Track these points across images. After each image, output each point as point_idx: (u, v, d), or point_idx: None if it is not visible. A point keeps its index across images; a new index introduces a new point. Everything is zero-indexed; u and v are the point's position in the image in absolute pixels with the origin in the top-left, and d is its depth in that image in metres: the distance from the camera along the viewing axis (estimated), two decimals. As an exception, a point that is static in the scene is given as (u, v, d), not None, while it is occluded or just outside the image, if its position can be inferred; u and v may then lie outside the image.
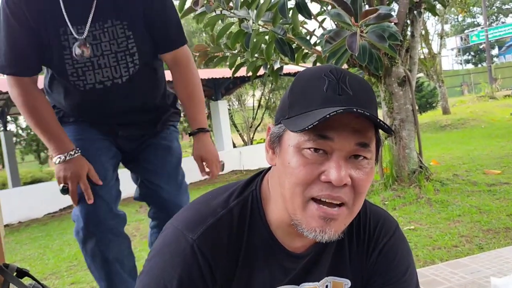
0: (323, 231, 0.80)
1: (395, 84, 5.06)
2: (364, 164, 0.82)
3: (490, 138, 9.56)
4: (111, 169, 1.74)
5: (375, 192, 5.00)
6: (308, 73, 0.86)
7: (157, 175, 1.81)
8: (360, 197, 0.83)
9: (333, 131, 0.78)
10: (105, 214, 1.67)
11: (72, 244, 5.20)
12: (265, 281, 0.91)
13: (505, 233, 3.24)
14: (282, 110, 0.87)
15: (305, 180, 0.80)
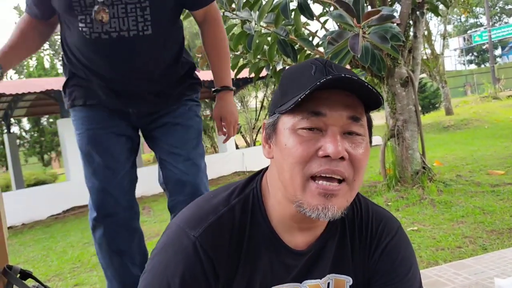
0: (325, 207, 0.81)
1: (397, 85, 5.06)
2: (358, 140, 0.84)
3: (493, 138, 9.53)
4: (122, 158, 1.73)
5: (378, 193, 4.99)
6: (296, 65, 0.91)
7: (174, 157, 1.76)
8: (359, 172, 0.84)
9: (325, 107, 0.81)
10: (113, 208, 1.70)
11: (75, 246, 5.21)
12: (267, 278, 0.92)
13: (509, 234, 3.23)
14: (275, 102, 0.90)
15: (303, 157, 0.81)
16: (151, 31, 1.58)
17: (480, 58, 39.32)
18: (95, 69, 1.66)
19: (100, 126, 1.71)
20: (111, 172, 1.70)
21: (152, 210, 7.00)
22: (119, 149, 1.73)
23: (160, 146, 1.78)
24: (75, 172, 8.65)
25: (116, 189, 1.71)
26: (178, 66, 1.77)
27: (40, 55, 15.74)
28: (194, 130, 1.80)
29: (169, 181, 1.79)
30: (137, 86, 1.69)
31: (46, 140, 14.18)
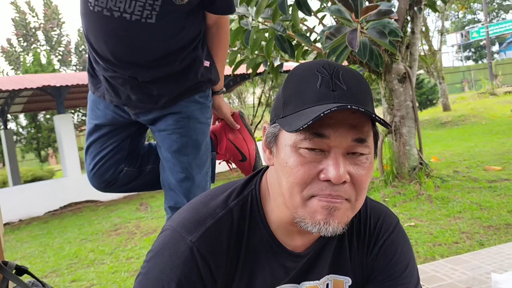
0: (327, 222, 0.79)
1: (395, 81, 5.05)
2: (362, 160, 0.81)
3: (490, 134, 9.55)
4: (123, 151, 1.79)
5: (375, 189, 5.00)
6: (301, 69, 0.85)
7: (170, 166, 1.73)
8: (362, 193, 0.82)
9: (329, 129, 0.77)
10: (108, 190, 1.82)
11: (73, 242, 5.21)
12: (265, 281, 0.91)
13: (505, 229, 3.24)
14: (277, 109, 0.86)
15: (304, 179, 0.79)
16: (155, 20, 1.54)
17: (477, 55, 39.34)
18: (96, 48, 1.62)
19: (98, 123, 1.75)
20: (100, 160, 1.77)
21: (150, 206, 7.00)
22: (116, 146, 1.78)
23: (161, 150, 1.77)
24: (72, 168, 8.64)
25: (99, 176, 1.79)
26: (179, 60, 1.69)
27: (36, 51, 15.67)
28: (192, 139, 1.73)
29: (164, 185, 1.79)
30: (131, 74, 1.64)
31: (43, 136, 14.13)
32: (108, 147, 1.78)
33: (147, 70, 1.64)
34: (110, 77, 1.66)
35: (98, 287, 3.29)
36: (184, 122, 1.72)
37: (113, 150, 1.79)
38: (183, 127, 1.72)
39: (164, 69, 1.66)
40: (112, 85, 1.67)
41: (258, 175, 0.96)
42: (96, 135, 1.77)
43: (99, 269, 3.83)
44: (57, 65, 17.56)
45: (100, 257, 4.26)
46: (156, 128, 1.74)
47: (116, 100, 1.70)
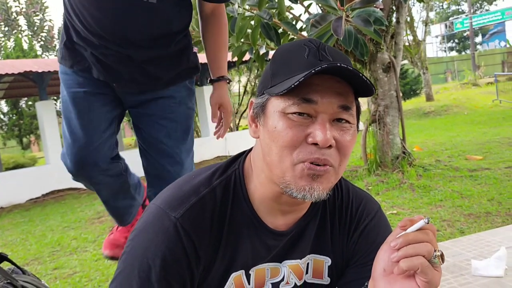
0: (311, 188, 0.82)
1: (380, 70, 5.08)
2: (347, 127, 0.84)
3: (472, 124, 9.69)
4: (104, 124, 1.69)
5: (359, 177, 5.05)
6: (288, 44, 0.89)
7: (158, 151, 1.72)
8: (345, 158, 0.85)
9: (317, 94, 0.80)
10: (90, 172, 1.69)
11: (55, 230, 5.17)
12: (248, 259, 0.92)
13: (485, 217, 3.30)
14: (265, 81, 0.88)
15: (293, 142, 0.81)
16: (156, 1, 1.53)
17: (461, 45, 39.70)
18: (88, 24, 1.58)
19: (84, 90, 1.66)
20: (88, 140, 1.66)
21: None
22: (101, 117, 1.68)
23: (145, 138, 1.74)
24: (54, 155, 8.53)
25: (91, 156, 1.67)
26: (173, 43, 1.69)
27: (18, 36, 15.36)
28: (183, 125, 1.75)
29: (149, 173, 1.77)
30: (126, 53, 1.61)
31: (25, 123, 13.93)
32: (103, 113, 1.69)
33: (143, 49, 1.62)
34: (102, 54, 1.61)
35: (81, 274, 3.27)
36: (176, 107, 1.73)
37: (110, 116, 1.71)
38: (174, 112, 1.73)
39: (160, 50, 1.65)
40: (102, 62, 1.63)
41: (242, 156, 0.97)
42: (86, 99, 1.66)
43: (82, 256, 3.81)
44: (40, 50, 17.27)
45: (83, 245, 4.23)
46: (144, 111, 1.72)
47: (105, 76, 1.65)
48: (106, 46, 1.59)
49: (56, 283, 3.15)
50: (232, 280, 0.91)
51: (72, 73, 1.68)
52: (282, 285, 0.96)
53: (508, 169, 4.77)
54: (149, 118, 1.72)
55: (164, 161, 1.72)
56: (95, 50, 1.61)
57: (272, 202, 0.90)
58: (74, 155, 1.67)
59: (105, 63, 1.63)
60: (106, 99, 1.69)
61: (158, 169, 1.72)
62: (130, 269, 0.85)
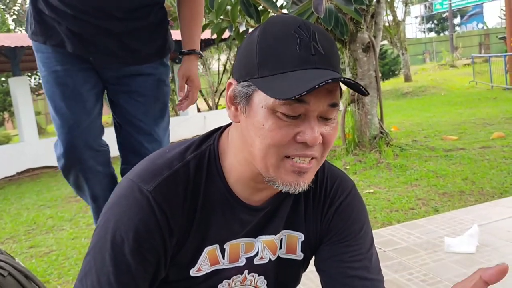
0: (297, 183, 0.83)
1: (359, 50, 5.09)
2: (332, 121, 0.84)
3: (449, 105, 9.84)
4: (90, 102, 1.65)
5: (337, 157, 5.09)
6: (277, 27, 0.82)
7: (135, 128, 1.71)
8: (328, 149, 0.86)
9: (310, 95, 0.77)
10: (81, 155, 1.65)
11: (30, 208, 5.10)
12: (222, 233, 0.92)
13: (459, 196, 3.38)
14: (249, 68, 0.82)
15: (281, 142, 0.80)
16: None
17: (439, 27, 39.96)
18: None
19: (65, 68, 1.61)
20: (77, 119, 1.62)
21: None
22: (86, 94, 1.64)
23: (122, 114, 1.72)
24: (29, 133, 8.36)
25: (82, 137, 1.64)
26: (150, 15, 1.65)
27: (-11, 9, 14.85)
28: (160, 102, 1.74)
29: (125, 149, 1.75)
30: (103, 24, 1.57)
31: (-2, 99, 13.57)
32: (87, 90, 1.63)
33: (120, 21, 1.58)
34: (77, 26, 1.56)
35: (58, 253, 3.25)
36: (154, 85, 1.72)
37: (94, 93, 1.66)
38: (152, 89, 1.72)
39: (137, 22, 1.63)
40: (77, 35, 1.58)
41: (217, 132, 0.96)
42: (67, 77, 1.61)
43: (58, 235, 3.78)
44: (12, 25, 16.75)
45: (59, 224, 4.19)
46: (122, 88, 1.70)
47: (81, 49, 1.60)
48: (82, 18, 1.55)
49: (32, 262, 3.12)
50: (206, 254, 0.92)
51: (47, 50, 1.62)
52: (257, 260, 0.97)
53: (482, 149, 4.88)
54: (127, 95, 1.70)
55: (142, 138, 1.71)
56: (69, 22, 1.56)
57: (249, 181, 0.90)
58: (65, 136, 1.63)
59: (81, 36, 1.58)
60: (87, 75, 1.65)
61: (135, 145, 1.71)
62: (103, 242, 0.84)
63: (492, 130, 5.90)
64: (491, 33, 27.08)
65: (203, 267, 0.93)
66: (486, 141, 5.31)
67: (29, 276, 1.22)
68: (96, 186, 1.75)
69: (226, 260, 0.94)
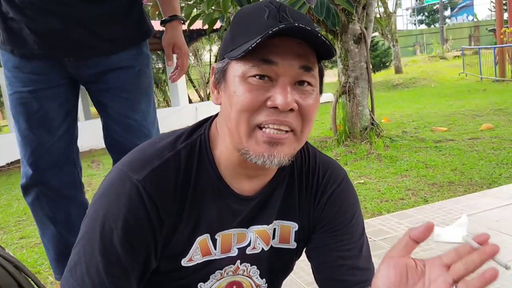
0: (271, 155, 0.80)
1: (351, 41, 5.09)
2: (309, 90, 0.82)
3: (439, 97, 9.90)
4: (58, 120, 1.58)
5: (328, 148, 5.11)
6: (249, 6, 0.86)
7: (123, 126, 1.63)
8: (308, 124, 0.84)
9: (277, 56, 0.78)
10: (42, 177, 1.59)
11: (21, 199, 5.06)
12: (213, 223, 0.91)
13: (448, 186, 3.41)
14: (225, 46, 0.86)
15: (251, 106, 0.79)
16: None
17: (430, 19, 40.06)
18: None
19: (30, 89, 1.53)
20: (40, 140, 1.57)
21: (102, 163, 6.87)
22: (51, 116, 1.57)
23: (108, 113, 1.64)
24: (18, 123, 8.28)
25: (45, 157, 1.58)
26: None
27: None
28: (145, 95, 1.66)
29: (114, 149, 1.68)
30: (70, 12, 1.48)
31: (-14, 90, 13.41)
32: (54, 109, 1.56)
33: (87, 5, 1.49)
34: (44, 20, 1.47)
35: (49, 243, 3.24)
36: (136, 77, 1.64)
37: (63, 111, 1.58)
38: (135, 83, 1.64)
39: (106, 5, 1.53)
40: (45, 35, 1.49)
41: (208, 121, 0.96)
42: (32, 99, 1.53)
43: (50, 226, 3.76)
44: None
45: (50, 214, 4.17)
46: (103, 85, 1.61)
47: (52, 51, 1.52)
48: (46, 7, 1.45)
49: (23, 252, 3.11)
50: (197, 244, 0.91)
51: (13, 67, 1.54)
52: (249, 250, 0.97)
53: (471, 140, 4.92)
54: (109, 92, 1.62)
55: (132, 136, 1.63)
56: (35, 17, 1.47)
57: (237, 167, 0.89)
58: (28, 156, 1.58)
59: (49, 35, 1.49)
60: (56, 92, 1.57)
61: (126, 145, 1.62)
62: (92, 232, 0.83)
63: (481, 122, 5.95)
64: (481, 25, 27.23)
65: (195, 257, 0.92)
66: (475, 132, 5.36)
67: (20, 266, 1.22)
68: (58, 209, 1.65)
69: (218, 251, 0.94)
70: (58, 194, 1.64)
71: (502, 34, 12.48)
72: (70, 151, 1.66)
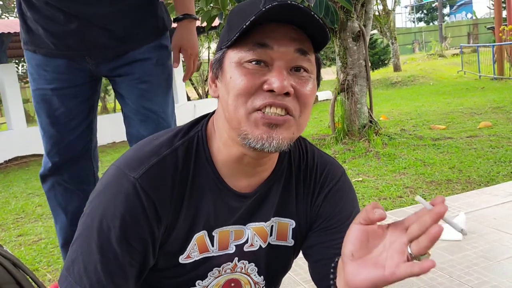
0: (270, 137, 0.80)
1: (349, 39, 5.09)
2: (305, 76, 0.83)
3: (437, 95, 9.90)
4: (80, 117, 1.64)
5: (326, 145, 5.12)
6: (245, 2, 0.86)
7: (141, 117, 1.63)
8: (306, 109, 0.84)
9: (272, 40, 0.79)
10: (60, 171, 1.66)
11: (19, 197, 5.06)
12: (210, 219, 0.91)
13: (446, 184, 3.42)
14: (222, 39, 0.86)
15: (247, 89, 0.80)
16: None
17: (429, 16, 40.04)
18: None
19: (52, 87, 1.58)
20: (60, 136, 1.63)
21: (101, 161, 6.85)
22: (71, 114, 1.62)
23: (127, 104, 1.65)
24: (16, 121, 8.27)
25: (62, 152, 1.65)
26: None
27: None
28: (163, 87, 1.66)
29: (134, 140, 1.67)
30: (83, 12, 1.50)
31: (-16, 87, 13.37)
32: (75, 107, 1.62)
33: (101, 5, 1.50)
34: (62, 26, 1.50)
35: (46, 241, 3.23)
36: (153, 69, 1.64)
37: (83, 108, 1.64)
38: (153, 74, 1.64)
39: (119, 3, 1.54)
40: (63, 37, 1.52)
41: (204, 118, 0.96)
42: (53, 96, 1.59)
43: (47, 223, 3.76)
44: None
45: (48, 212, 4.16)
46: (122, 78, 1.63)
47: (72, 53, 1.56)
48: (63, 8, 1.47)
49: (21, 250, 3.11)
50: (194, 241, 0.91)
51: (36, 65, 1.59)
52: (247, 247, 0.97)
53: (469, 138, 4.93)
54: (128, 84, 1.63)
55: (150, 127, 1.64)
56: (52, 20, 1.50)
57: (235, 164, 0.89)
58: (49, 149, 1.66)
59: (67, 36, 1.52)
60: (77, 90, 1.62)
61: (144, 136, 1.63)
62: (90, 230, 0.83)
63: (479, 120, 5.96)
64: (480, 23, 27.21)
65: (192, 254, 0.92)
66: (474, 130, 5.36)
67: (18, 264, 1.22)
68: (70, 201, 1.73)
69: (215, 248, 0.94)
70: (72, 187, 1.71)
71: (500, 32, 12.48)
72: (88, 147, 1.72)
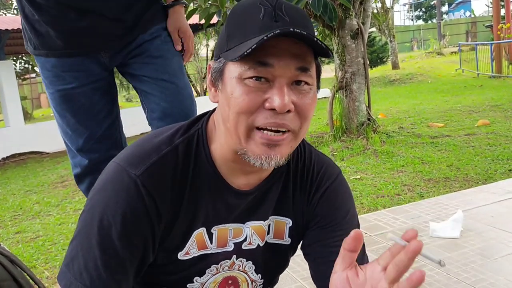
0: (268, 157, 0.81)
1: (348, 37, 5.08)
2: (306, 89, 0.83)
3: (435, 93, 9.91)
4: (104, 111, 1.65)
5: (324, 143, 5.12)
6: (243, 5, 0.85)
7: (160, 89, 1.63)
8: (306, 122, 0.84)
9: (273, 57, 0.78)
10: (94, 167, 1.67)
11: (16, 194, 5.05)
12: (209, 216, 0.92)
13: (444, 182, 3.42)
14: (221, 45, 0.85)
15: (249, 108, 0.80)
16: None
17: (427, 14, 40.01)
18: None
19: (73, 86, 1.59)
20: (90, 132, 1.64)
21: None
22: (97, 108, 1.64)
23: (145, 81, 1.65)
24: (14, 118, 8.26)
25: (95, 147, 1.66)
26: None
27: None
28: (176, 60, 1.68)
29: (155, 116, 1.65)
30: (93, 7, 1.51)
31: (-18, 84, 13.34)
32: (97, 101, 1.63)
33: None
34: (72, 23, 1.51)
35: (44, 238, 3.23)
36: (163, 45, 1.67)
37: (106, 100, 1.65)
38: (164, 49, 1.66)
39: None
40: (74, 35, 1.54)
41: (205, 116, 0.96)
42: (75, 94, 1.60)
43: (45, 220, 3.76)
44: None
45: (46, 209, 4.16)
46: (134, 59, 1.64)
47: (85, 50, 1.57)
48: (71, 4, 1.48)
49: (19, 247, 3.10)
50: (194, 238, 0.92)
51: (52, 67, 1.60)
52: (245, 245, 0.97)
53: (467, 136, 4.94)
54: (142, 61, 1.64)
55: (170, 99, 1.63)
56: (61, 19, 1.51)
57: (233, 163, 0.89)
58: (81, 147, 1.66)
59: (79, 33, 1.53)
60: (97, 84, 1.63)
61: (166, 107, 1.62)
62: (90, 226, 0.83)
63: (477, 118, 5.97)
64: (478, 21, 27.24)
65: (191, 251, 0.93)
66: (472, 128, 5.37)
67: (15, 261, 1.22)
68: None
69: (214, 245, 0.94)
70: None
71: (499, 30, 12.50)
72: (119, 138, 1.73)
